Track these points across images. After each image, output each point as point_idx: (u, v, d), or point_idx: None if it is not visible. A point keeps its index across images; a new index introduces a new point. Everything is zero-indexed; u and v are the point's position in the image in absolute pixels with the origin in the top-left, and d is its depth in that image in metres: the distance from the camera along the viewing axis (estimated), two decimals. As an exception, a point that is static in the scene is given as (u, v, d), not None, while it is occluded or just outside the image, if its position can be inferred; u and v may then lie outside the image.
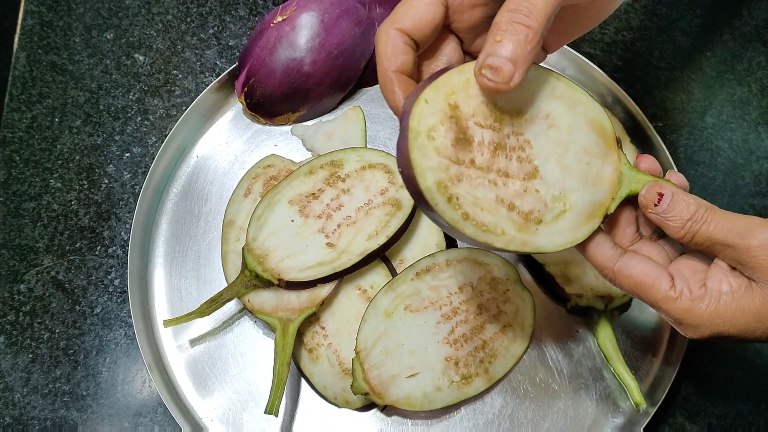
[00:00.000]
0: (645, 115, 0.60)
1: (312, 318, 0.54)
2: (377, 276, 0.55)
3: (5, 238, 0.59)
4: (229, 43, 0.66)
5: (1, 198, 0.60)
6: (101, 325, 0.57)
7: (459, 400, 0.52)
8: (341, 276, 0.53)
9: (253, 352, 0.55)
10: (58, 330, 0.56)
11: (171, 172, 0.60)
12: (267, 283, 0.53)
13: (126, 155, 0.62)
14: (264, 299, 0.53)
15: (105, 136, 0.62)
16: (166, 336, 0.56)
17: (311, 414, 0.54)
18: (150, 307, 0.56)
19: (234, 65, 0.61)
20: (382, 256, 0.55)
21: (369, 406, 0.53)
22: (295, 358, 0.54)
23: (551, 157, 0.38)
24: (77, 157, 0.61)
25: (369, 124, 0.62)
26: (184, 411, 0.53)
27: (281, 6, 0.60)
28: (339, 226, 0.54)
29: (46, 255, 0.58)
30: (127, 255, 0.56)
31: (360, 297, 0.54)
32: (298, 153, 0.61)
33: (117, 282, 0.58)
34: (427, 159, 0.35)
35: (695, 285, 0.38)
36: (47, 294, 0.57)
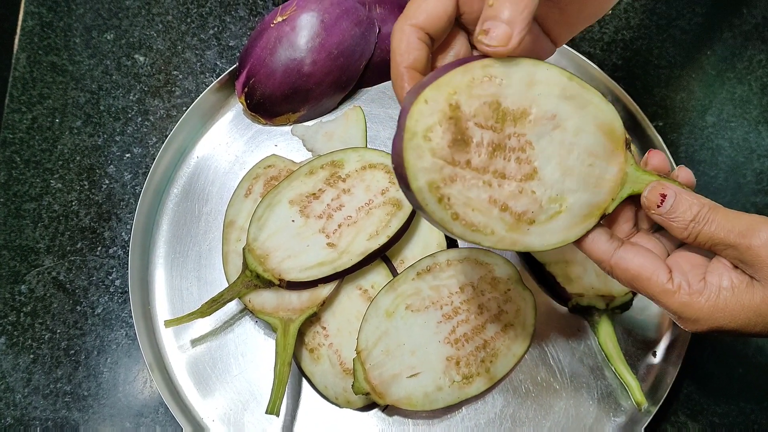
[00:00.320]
0: (645, 114, 0.60)
1: (313, 318, 0.54)
2: (378, 276, 0.55)
3: (6, 238, 0.59)
4: (230, 44, 0.66)
5: (2, 199, 0.60)
6: (102, 326, 0.57)
7: (460, 399, 0.52)
8: (342, 276, 0.53)
9: (254, 352, 0.55)
10: (59, 330, 0.56)
11: (171, 172, 0.60)
12: (268, 284, 0.53)
13: (126, 156, 0.62)
14: (265, 299, 0.53)
15: (105, 136, 0.62)
16: (167, 336, 0.56)
17: (312, 414, 0.54)
18: (151, 308, 0.56)
19: (234, 66, 0.61)
20: (382, 255, 0.55)
21: (370, 406, 0.53)
22: (296, 358, 0.54)
23: (552, 159, 0.37)
24: (78, 158, 0.61)
25: (369, 124, 0.62)
26: (185, 411, 0.53)
27: (281, 6, 0.60)
28: (340, 226, 0.54)
29: (47, 255, 0.58)
30: (128, 255, 0.56)
31: (361, 297, 0.54)
32: (298, 153, 0.61)
33: (118, 282, 0.58)
34: (421, 160, 0.35)
35: (694, 279, 0.38)
36: (48, 294, 0.57)
